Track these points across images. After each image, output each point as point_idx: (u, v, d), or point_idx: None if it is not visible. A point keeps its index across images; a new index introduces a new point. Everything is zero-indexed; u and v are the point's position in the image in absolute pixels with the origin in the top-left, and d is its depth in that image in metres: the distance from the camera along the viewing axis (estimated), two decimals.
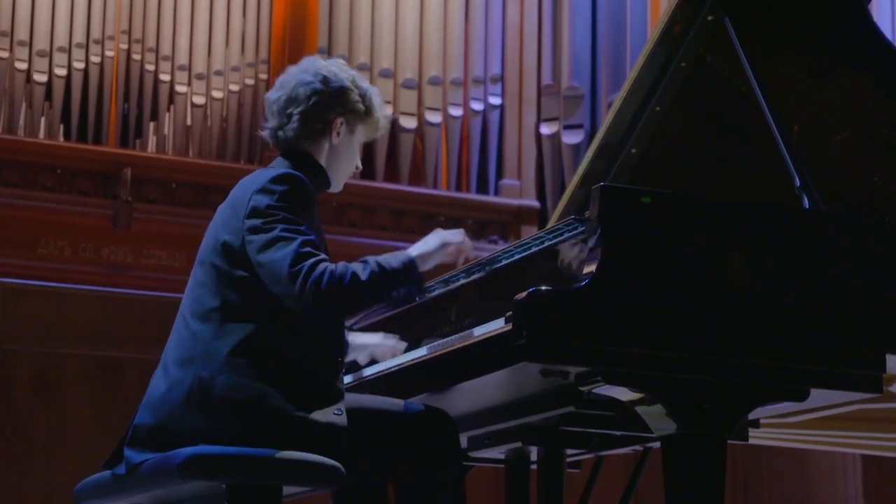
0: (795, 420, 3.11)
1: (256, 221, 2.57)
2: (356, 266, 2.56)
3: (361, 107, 2.75)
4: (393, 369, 2.84)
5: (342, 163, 2.77)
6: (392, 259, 2.61)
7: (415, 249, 2.68)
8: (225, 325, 2.56)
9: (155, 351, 2.67)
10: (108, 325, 5.54)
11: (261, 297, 2.56)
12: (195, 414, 2.50)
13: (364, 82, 2.80)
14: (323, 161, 2.75)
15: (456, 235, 2.74)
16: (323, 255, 2.55)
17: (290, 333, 2.57)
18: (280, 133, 2.74)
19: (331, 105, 2.72)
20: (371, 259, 2.59)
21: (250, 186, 2.63)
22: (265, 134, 2.79)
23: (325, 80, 2.73)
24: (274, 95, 2.76)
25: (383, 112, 2.82)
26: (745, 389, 2.49)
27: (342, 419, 2.53)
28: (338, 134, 2.74)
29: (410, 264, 2.62)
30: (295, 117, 2.71)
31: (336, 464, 2.49)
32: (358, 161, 2.82)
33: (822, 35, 3.14)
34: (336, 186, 2.81)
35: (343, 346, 2.71)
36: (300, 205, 2.59)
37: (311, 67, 2.76)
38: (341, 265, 2.54)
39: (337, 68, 2.77)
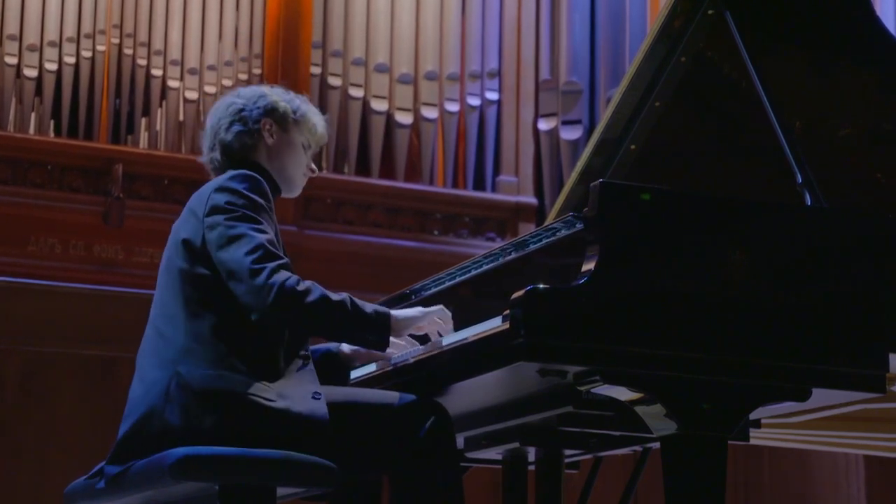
0: (797, 420, 3.10)
1: (217, 218, 2.59)
2: (330, 291, 2.58)
3: (290, 113, 2.78)
4: (388, 368, 2.81)
5: (286, 163, 2.78)
6: (367, 305, 2.62)
7: (396, 311, 2.69)
8: (192, 321, 2.57)
9: None
10: (98, 324, 5.51)
11: (223, 291, 2.57)
12: (174, 411, 2.49)
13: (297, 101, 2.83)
14: (266, 164, 2.76)
15: (439, 311, 2.74)
16: (285, 260, 2.57)
17: (251, 322, 2.57)
18: (215, 154, 2.77)
19: (258, 112, 2.76)
20: (347, 295, 2.61)
21: (208, 188, 2.66)
22: (204, 161, 2.81)
23: (250, 99, 2.79)
24: (207, 125, 2.82)
25: (319, 117, 2.84)
26: (746, 389, 2.48)
27: (321, 405, 2.53)
28: (271, 135, 2.76)
29: (383, 316, 2.62)
30: (231, 130, 2.75)
31: (331, 464, 2.48)
32: (310, 163, 2.84)
33: (824, 30, 3.13)
34: (289, 190, 2.83)
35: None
36: (259, 203, 2.61)
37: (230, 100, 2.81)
38: (311, 282, 2.56)
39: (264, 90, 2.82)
